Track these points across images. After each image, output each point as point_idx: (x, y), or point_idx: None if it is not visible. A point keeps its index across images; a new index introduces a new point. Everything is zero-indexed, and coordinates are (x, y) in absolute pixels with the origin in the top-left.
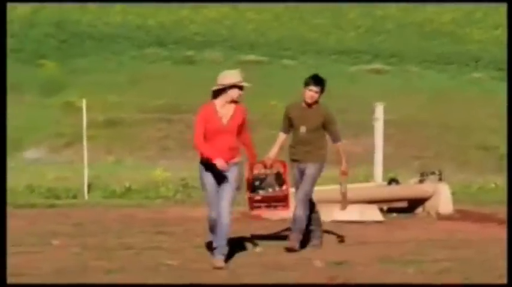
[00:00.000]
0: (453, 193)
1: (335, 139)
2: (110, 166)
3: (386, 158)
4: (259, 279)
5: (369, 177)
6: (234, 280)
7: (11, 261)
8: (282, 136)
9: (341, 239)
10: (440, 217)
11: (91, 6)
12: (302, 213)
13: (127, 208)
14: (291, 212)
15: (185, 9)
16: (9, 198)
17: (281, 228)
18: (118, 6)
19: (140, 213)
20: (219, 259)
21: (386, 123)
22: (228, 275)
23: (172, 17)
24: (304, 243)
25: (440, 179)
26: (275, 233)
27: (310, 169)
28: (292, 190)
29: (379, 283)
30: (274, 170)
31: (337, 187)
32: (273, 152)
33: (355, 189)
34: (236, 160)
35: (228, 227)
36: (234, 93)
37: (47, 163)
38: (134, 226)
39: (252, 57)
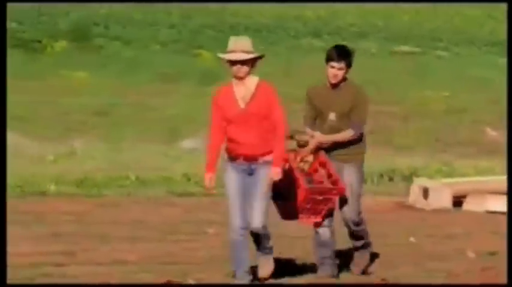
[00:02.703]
0: None
1: (351, 125)
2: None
3: None
4: (413, 269)
5: None
6: (388, 268)
7: (167, 249)
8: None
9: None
10: None
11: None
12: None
13: None
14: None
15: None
16: (167, 186)
17: (436, 218)
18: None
19: None
20: (265, 268)
21: None
22: (380, 264)
23: (328, 8)
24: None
25: None
26: (429, 223)
27: (350, 175)
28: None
29: None
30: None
31: (491, 178)
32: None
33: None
34: (269, 157)
35: (266, 231)
36: (232, 68)
37: (203, 153)
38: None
39: (405, 48)
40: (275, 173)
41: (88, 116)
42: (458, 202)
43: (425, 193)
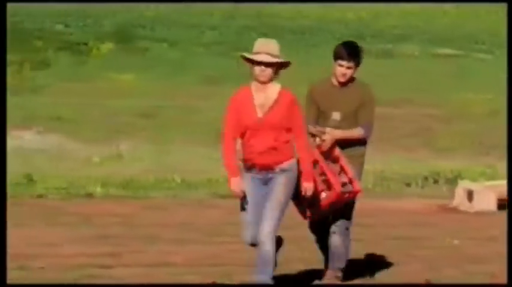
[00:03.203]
0: None
1: (360, 125)
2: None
3: None
4: (455, 271)
5: None
6: (432, 271)
7: (212, 250)
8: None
9: None
10: None
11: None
12: (341, 244)
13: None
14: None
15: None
16: (211, 188)
17: (479, 221)
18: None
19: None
20: None
21: None
22: (422, 267)
23: (370, 10)
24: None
25: None
26: (473, 226)
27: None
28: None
29: None
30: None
31: None
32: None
33: None
34: (287, 164)
35: (271, 255)
36: (255, 70)
37: None
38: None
39: (447, 51)
40: (308, 189)
41: (135, 118)
42: (502, 205)
43: (470, 195)
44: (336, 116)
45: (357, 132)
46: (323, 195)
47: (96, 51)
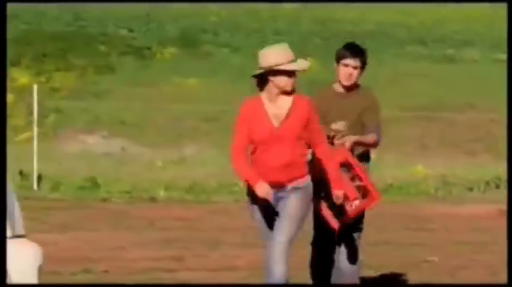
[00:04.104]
0: None
1: (371, 130)
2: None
3: None
4: None
5: None
6: (493, 276)
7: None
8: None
9: None
10: None
11: (356, 4)
12: (352, 264)
13: (389, 204)
14: None
15: (446, 8)
16: None
17: None
18: (382, 4)
19: (401, 209)
20: None
21: None
22: (484, 272)
23: (433, 15)
24: None
25: None
26: None
27: None
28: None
29: None
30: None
31: None
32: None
33: None
34: (301, 182)
35: (283, 276)
36: (280, 81)
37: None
38: (395, 222)
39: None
40: (338, 197)
41: (198, 123)
42: None
43: None
44: (342, 125)
45: (371, 138)
46: (356, 202)
47: (160, 56)
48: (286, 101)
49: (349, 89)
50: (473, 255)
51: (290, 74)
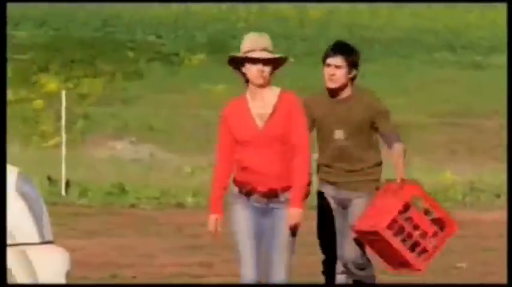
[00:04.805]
0: None
1: (393, 138)
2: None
3: None
4: None
5: None
6: None
7: (305, 260)
8: None
9: None
10: None
11: (382, 10)
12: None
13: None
14: None
15: (473, 14)
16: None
17: None
18: (408, 9)
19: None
20: None
21: None
22: None
23: (461, 21)
24: None
25: None
26: None
27: (358, 205)
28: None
29: None
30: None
31: None
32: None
33: None
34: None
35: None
36: (250, 71)
37: None
38: None
39: None
40: (293, 216)
41: None
42: None
43: None
44: (340, 134)
45: (401, 148)
46: (432, 242)
47: (188, 62)
48: (271, 98)
49: (338, 92)
50: (501, 261)
51: (257, 63)
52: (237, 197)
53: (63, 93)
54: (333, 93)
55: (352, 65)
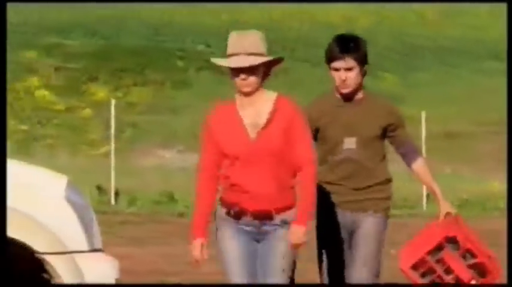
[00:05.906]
0: None
1: (412, 151)
2: (446, 178)
3: None
4: None
5: None
6: None
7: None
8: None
9: None
10: None
11: (431, 18)
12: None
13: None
14: None
15: None
16: None
17: None
18: (456, 18)
19: (476, 224)
20: None
21: None
22: None
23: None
24: None
25: None
26: None
27: (368, 226)
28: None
29: None
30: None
31: None
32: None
33: None
34: (291, 213)
35: None
36: (235, 80)
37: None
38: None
39: None
40: (295, 234)
41: None
42: None
43: None
44: (351, 143)
45: (424, 163)
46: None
47: None
48: (266, 105)
49: (350, 97)
50: None
51: (237, 71)
52: (225, 219)
53: (112, 102)
54: (346, 97)
55: (364, 61)
